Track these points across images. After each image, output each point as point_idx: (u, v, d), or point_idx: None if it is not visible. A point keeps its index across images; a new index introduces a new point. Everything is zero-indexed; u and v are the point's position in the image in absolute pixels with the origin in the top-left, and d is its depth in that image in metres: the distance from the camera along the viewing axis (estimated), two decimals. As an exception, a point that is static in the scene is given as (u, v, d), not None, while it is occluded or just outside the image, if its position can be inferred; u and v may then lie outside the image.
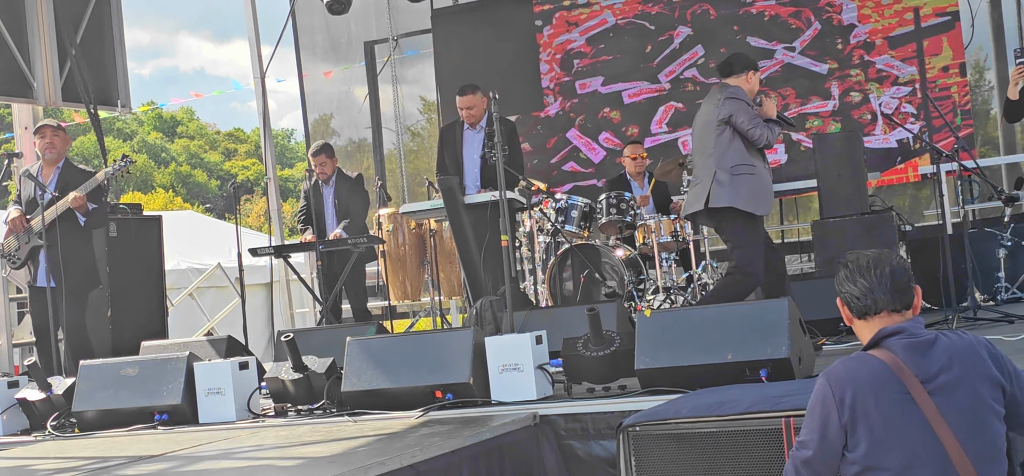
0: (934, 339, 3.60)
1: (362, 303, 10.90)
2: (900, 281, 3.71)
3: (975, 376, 3.55)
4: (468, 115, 9.64)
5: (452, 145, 9.74)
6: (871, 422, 3.55)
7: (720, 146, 7.76)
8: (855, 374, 3.62)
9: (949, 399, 3.52)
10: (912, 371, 3.54)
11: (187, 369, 7.22)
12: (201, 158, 56.47)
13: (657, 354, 6.21)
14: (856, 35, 12.50)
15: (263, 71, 13.27)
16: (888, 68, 12.41)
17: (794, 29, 12.76)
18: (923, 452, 3.50)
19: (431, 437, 5.55)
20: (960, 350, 3.57)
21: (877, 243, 9.75)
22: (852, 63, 12.52)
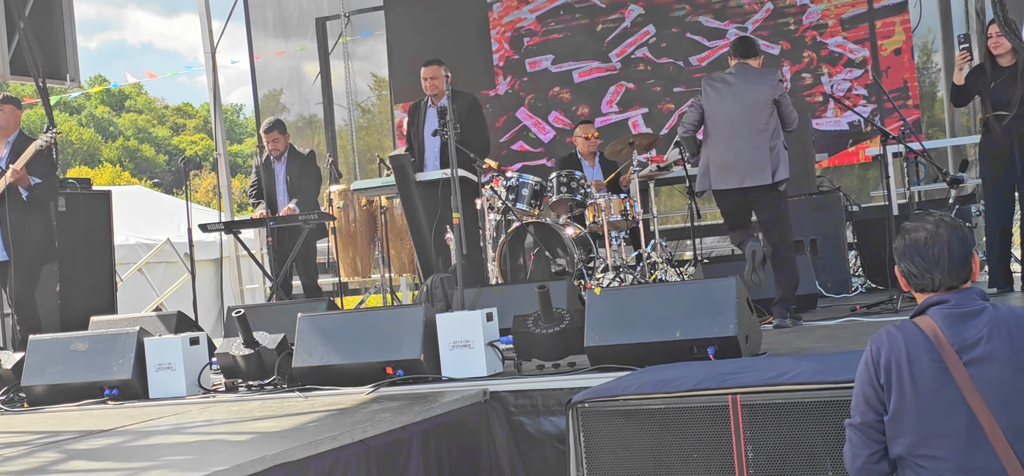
0: (981, 310, 3.61)
1: (312, 280, 10.90)
2: (956, 259, 3.69)
3: (1016, 349, 3.54)
4: (430, 85, 9.61)
5: (415, 124, 9.76)
6: (903, 387, 3.60)
7: (772, 123, 8.17)
8: (894, 339, 3.66)
9: (984, 370, 3.53)
10: (949, 340, 3.57)
11: (137, 344, 7.21)
12: (149, 133, 56.02)
13: (606, 332, 6.26)
14: (809, 16, 12.60)
15: (213, 46, 13.21)
16: (840, 50, 12.52)
17: (746, 9, 12.84)
18: (953, 421, 3.53)
19: (381, 413, 5.58)
20: (1006, 322, 3.57)
21: (825, 222, 9.88)
22: (804, 44, 12.62)
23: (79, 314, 9.52)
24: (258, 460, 4.50)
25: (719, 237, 13.54)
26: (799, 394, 4.61)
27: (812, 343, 6.79)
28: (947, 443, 3.53)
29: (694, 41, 13.04)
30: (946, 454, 3.54)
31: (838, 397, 4.52)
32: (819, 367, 4.85)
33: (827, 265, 9.83)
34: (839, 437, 4.48)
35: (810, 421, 4.57)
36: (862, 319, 7.79)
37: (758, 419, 4.66)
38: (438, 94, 9.65)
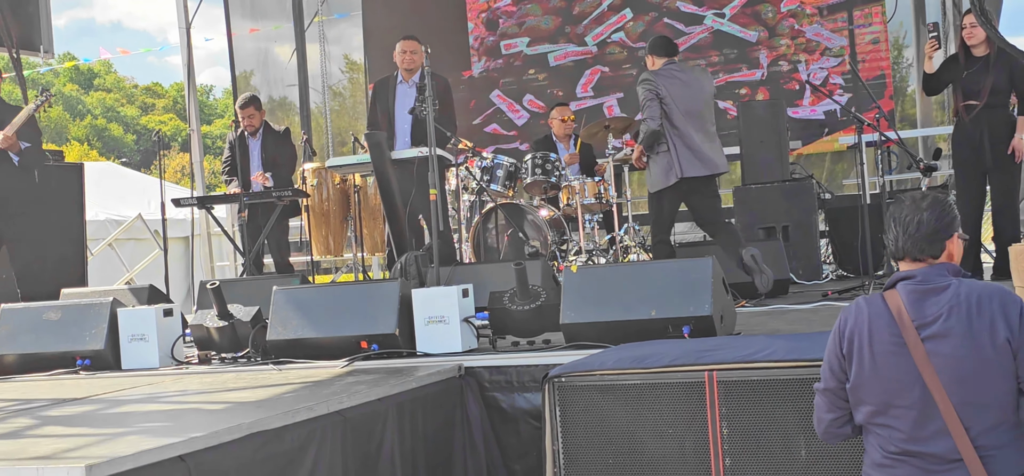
0: (945, 287, 3.68)
1: (285, 257, 10.88)
2: (925, 230, 3.76)
3: (973, 327, 3.62)
4: (408, 59, 9.55)
5: (384, 100, 9.70)
6: (863, 358, 3.73)
7: (713, 116, 8.79)
8: (860, 311, 3.78)
9: (940, 346, 3.62)
10: (910, 316, 3.66)
11: (111, 315, 7.18)
12: (117, 112, 55.70)
13: (582, 309, 6.28)
14: (787, 3, 12.64)
15: (189, 22, 13.15)
16: (818, 38, 12.57)
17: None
18: (908, 394, 3.65)
19: (356, 385, 5.58)
20: (967, 300, 3.64)
21: (797, 209, 9.94)
22: (782, 32, 12.66)
23: (50, 286, 9.47)
24: (234, 427, 4.50)
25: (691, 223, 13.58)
26: (774, 371, 4.65)
27: (785, 325, 6.83)
28: (902, 414, 3.65)
29: (671, 26, 13.06)
30: (901, 425, 3.66)
31: (812, 375, 4.54)
32: (794, 345, 4.88)
33: (799, 251, 9.89)
34: (812, 414, 4.53)
35: (784, 398, 4.60)
36: (834, 303, 7.85)
37: (733, 395, 4.69)
38: (412, 69, 9.61)
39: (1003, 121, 8.52)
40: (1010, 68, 8.46)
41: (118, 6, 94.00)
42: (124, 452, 4.01)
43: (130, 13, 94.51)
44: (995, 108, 8.51)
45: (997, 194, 8.64)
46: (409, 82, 9.61)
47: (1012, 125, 8.49)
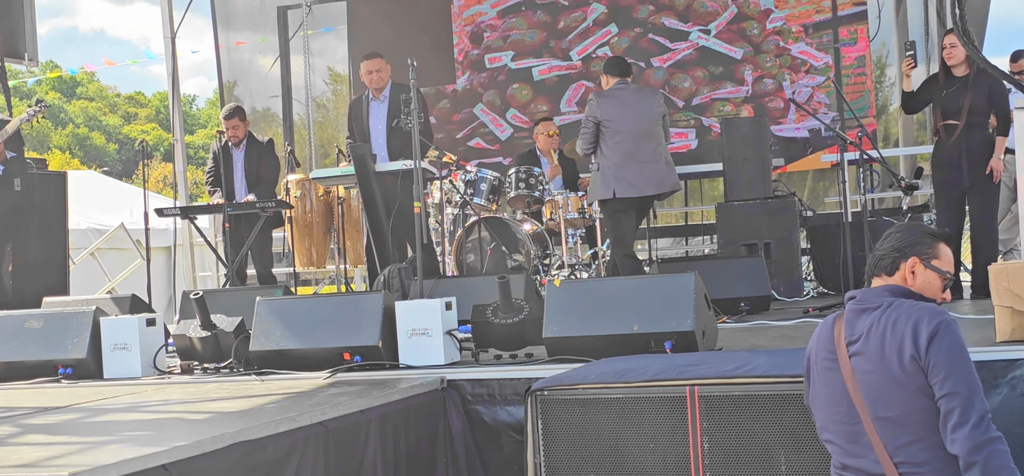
0: (877, 307, 3.81)
1: (267, 268, 10.87)
2: (877, 255, 3.96)
3: (885, 345, 3.74)
4: (374, 78, 9.59)
5: (358, 116, 9.74)
6: (811, 375, 4.00)
7: (663, 135, 8.95)
8: (817, 331, 4.01)
9: (861, 363, 3.78)
10: (846, 334, 3.84)
11: (93, 324, 7.18)
12: (100, 121, 55.51)
13: (565, 323, 6.31)
14: (772, 21, 12.70)
15: (173, 32, 13.15)
16: (803, 56, 12.63)
17: (710, 11, 12.93)
18: (838, 409, 3.84)
19: (339, 397, 5.59)
20: (886, 320, 3.77)
21: (779, 227, 9.99)
22: (768, 49, 12.72)
23: (32, 294, 9.47)
24: (218, 437, 4.51)
25: (673, 238, 13.66)
26: (755, 387, 4.69)
27: (766, 342, 6.87)
28: (836, 428, 3.86)
29: (656, 42, 13.12)
30: (837, 438, 3.87)
31: (793, 391, 4.59)
32: (774, 361, 4.92)
33: (780, 268, 9.93)
34: (793, 430, 4.57)
35: (765, 414, 4.64)
36: (815, 320, 7.87)
37: (714, 410, 4.73)
38: (380, 87, 9.64)
39: (982, 141, 8.57)
40: (989, 88, 8.53)
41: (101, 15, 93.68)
42: (107, 461, 4.01)
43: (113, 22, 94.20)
44: (974, 128, 8.57)
45: (975, 213, 8.69)
46: (380, 98, 9.63)
47: (991, 145, 8.55)
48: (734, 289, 8.58)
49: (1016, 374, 5.28)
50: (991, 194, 8.66)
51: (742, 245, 10.09)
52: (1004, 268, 5.77)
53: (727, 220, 10.35)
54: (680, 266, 9.45)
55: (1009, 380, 5.32)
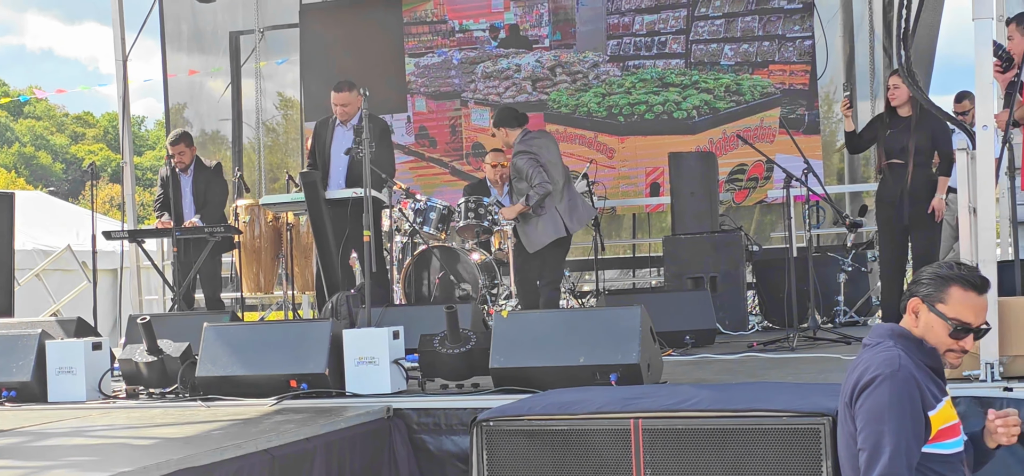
0: (872, 345, 3.84)
1: (215, 293, 10.84)
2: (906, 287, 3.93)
3: (844, 388, 3.85)
4: (342, 112, 9.58)
5: (322, 140, 9.71)
6: None
7: None
8: None
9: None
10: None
11: (39, 346, 7.13)
12: (47, 140, 55.03)
13: (512, 354, 6.34)
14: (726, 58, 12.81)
15: (125, 55, 13.09)
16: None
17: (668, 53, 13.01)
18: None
19: (285, 424, 5.60)
20: (857, 361, 3.84)
21: (726, 261, 10.08)
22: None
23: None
24: (162, 463, 4.51)
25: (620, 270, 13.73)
26: (698, 421, 4.74)
27: (711, 375, 6.93)
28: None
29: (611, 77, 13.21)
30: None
31: (736, 425, 4.65)
32: (718, 396, 4.98)
33: (726, 302, 10.01)
34: (736, 463, 4.62)
35: (709, 447, 4.69)
36: (759, 355, 7.96)
37: (658, 444, 4.77)
38: (348, 116, 9.64)
39: (923, 180, 8.70)
40: (932, 129, 8.66)
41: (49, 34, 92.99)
42: (51, 486, 4.01)
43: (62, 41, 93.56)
44: (917, 168, 8.70)
45: (918, 252, 8.82)
46: (347, 125, 9.64)
47: (933, 184, 8.68)
48: (680, 322, 8.64)
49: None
50: (933, 233, 8.78)
51: (688, 278, 10.17)
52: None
53: (674, 253, 10.43)
54: (627, 299, 9.51)
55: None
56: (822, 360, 7.38)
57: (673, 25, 12.93)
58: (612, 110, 13.05)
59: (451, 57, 13.69)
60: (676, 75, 12.86)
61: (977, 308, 3.75)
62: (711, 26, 12.81)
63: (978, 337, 3.77)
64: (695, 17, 12.84)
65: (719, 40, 12.77)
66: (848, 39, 13.03)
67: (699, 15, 12.83)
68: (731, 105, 12.70)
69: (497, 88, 13.51)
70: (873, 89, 12.69)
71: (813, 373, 6.71)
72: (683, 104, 12.81)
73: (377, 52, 13.49)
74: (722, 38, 12.76)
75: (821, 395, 4.85)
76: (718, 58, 12.77)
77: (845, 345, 8.18)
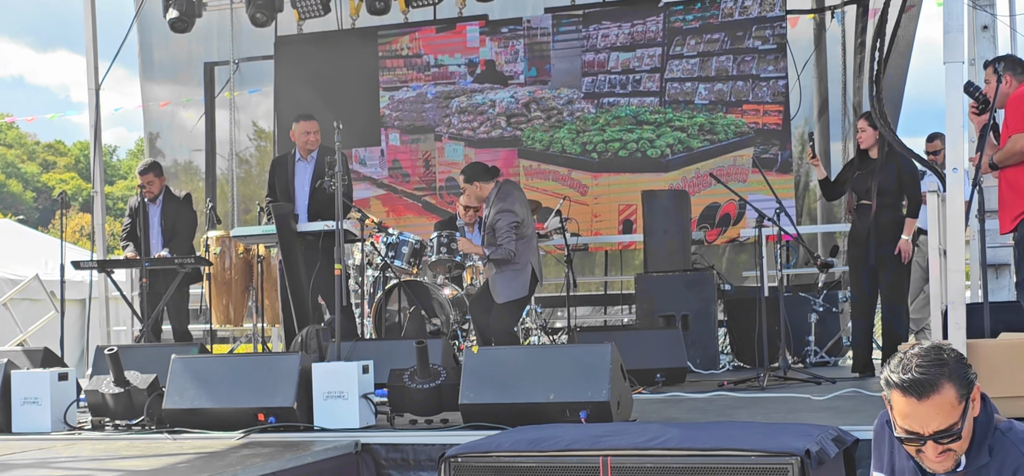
0: None
1: (183, 324, 10.78)
2: None
3: None
4: (310, 140, 9.54)
5: (283, 175, 9.69)
6: None
7: None
8: None
9: None
10: None
11: (4, 376, 7.07)
12: (17, 168, 54.76)
13: (481, 390, 6.32)
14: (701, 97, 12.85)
15: (98, 84, 13.04)
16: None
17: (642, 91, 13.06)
18: None
19: (252, 458, 5.56)
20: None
21: (697, 299, 10.08)
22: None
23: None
24: (126, 496, 4.47)
25: (592, 307, 13.72)
26: (667, 459, 4.71)
27: (681, 413, 6.92)
28: None
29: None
30: None
31: (704, 464, 4.63)
32: (687, 434, 4.96)
33: (697, 340, 10.02)
34: (704, 503, 4.60)
35: (678, 486, 4.67)
36: (729, 393, 7.95)
37: (627, 481, 4.74)
38: (311, 149, 9.62)
39: (890, 222, 8.74)
40: (898, 170, 8.72)
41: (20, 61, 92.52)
42: (12, 518, 3.96)
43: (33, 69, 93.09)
44: (883, 209, 8.75)
45: (885, 292, 8.85)
46: (307, 159, 9.60)
47: (900, 225, 8.72)
48: (651, 360, 8.64)
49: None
50: (899, 274, 8.81)
51: (660, 316, 10.16)
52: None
53: (646, 291, 10.43)
54: (597, 336, 9.50)
55: (916, 459, 5.41)
56: (792, 400, 7.38)
57: (648, 63, 12.98)
58: (586, 147, 13.06)
59: (426, 92, 13.70)
60: (650, 113, 12.90)
61: (910, 415, 3.30)
62: (685, 64, 12.87)
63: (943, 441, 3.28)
64: (670, 55, 12.90)
65: (693, 79, 12.82)
66: (821, 80, 13.10)
67: (674, 54, 12.89)
68: (705, 144, 12.74)
69: (471, 123, 13.52)
70: (845, 130, 12.75)
71: (783, 413, 6.71)
72: (657, 142, 12.84)
73: (351, 85, 13.49)
74: (696, 77, 12.81)
75: (791, 435, 4.84)
76: (692, 97, 12.81)
77: (815, 385, 8.18)
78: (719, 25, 12.74)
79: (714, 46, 12.75)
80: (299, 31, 14.02)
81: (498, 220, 9.06)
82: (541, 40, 13.36)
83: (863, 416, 6.23)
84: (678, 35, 12.88)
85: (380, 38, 13.82)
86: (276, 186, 9.74)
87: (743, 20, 12.64)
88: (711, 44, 12.77)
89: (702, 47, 12.80)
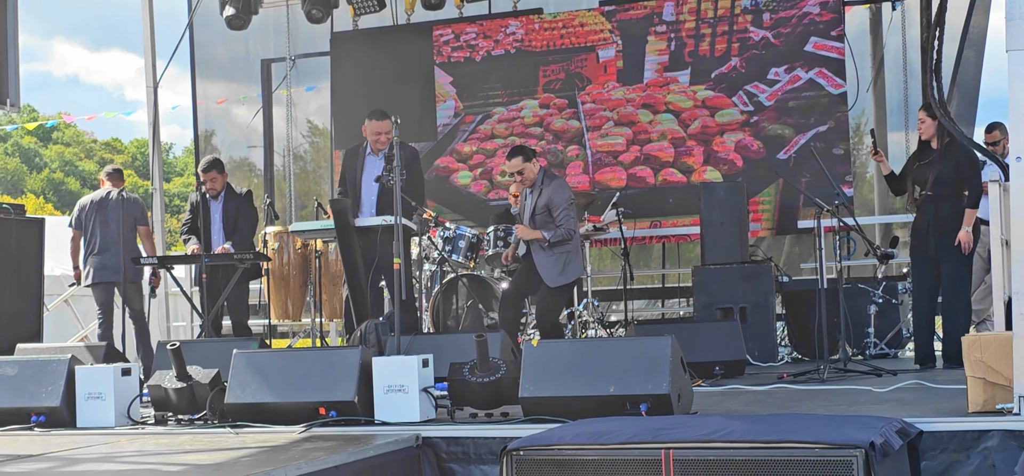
0: None
1: (243, 319, 10.85)
2: None
3: None
4: (381, 141, 9.49)
5: (353, 169, 9.67)
6: None
7: None
8: None
9: None
10: None
11: (68, 372, 7.14)
12: (75, 166, 55.35)
13: (542, 383, 6.32)
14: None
15: (156, 82, 13.18)
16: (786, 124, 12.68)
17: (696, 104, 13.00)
18: None
19: (314, 452, 5.59)
20: None
21: (755, 291, 10.03)
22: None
23: (5, 341, 9.43)
24: (192, 490, 4.51)
25: (649, 300, 13.69)
26: (730, 452, 4.71)
27: (741, 406, 6.89)
28: None
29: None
30: None
31: (768, 456, 4.62)
32: (750, 427, 4.94)
33: (755, 333, 9.97)
34: (767, 495, 4.59)
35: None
36: (790, 386, 7.91)
37: (690, 474, 4.74)
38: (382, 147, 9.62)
39: (950, 212, 8.67)
40: (957, 160, 8.64)
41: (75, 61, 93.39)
42: (82, 511, 4.01)
43: (87, 68, 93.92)
44: (942, 199, 8.68)
45: (946, 284, 8.78)
46: (377, 154, 9.61)
47: (960, 216, 8.64)
48: (709, 353, 8.60)
49: (987, 444, 5.33)
50: (960, 264, 8.73)
51: (718, 309, 10.13)
52: (978, 339, 5.82)
53: (703, 284, 10.39)
54: (656, 329, 9.48)
55: (981, 450, 5.37)
56: (853, 392, 7.33)
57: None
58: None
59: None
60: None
61: None
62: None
63: None
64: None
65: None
66: (879, 71, 12.98)
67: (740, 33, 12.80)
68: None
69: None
70: (907, 123, 12.62)
71: (844, 405, 6.66)
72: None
73: (407, 80, 13.51)
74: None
75: (854, 427, 4.82)
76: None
77: (876, 377, 8.12)
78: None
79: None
80: (354, 27, 14.06)
81: (554, 199, 9.11)
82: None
83: (926, 408, 6.19)
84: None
85: (436, 32, 13.82)
86: (346, 177, 9.74)
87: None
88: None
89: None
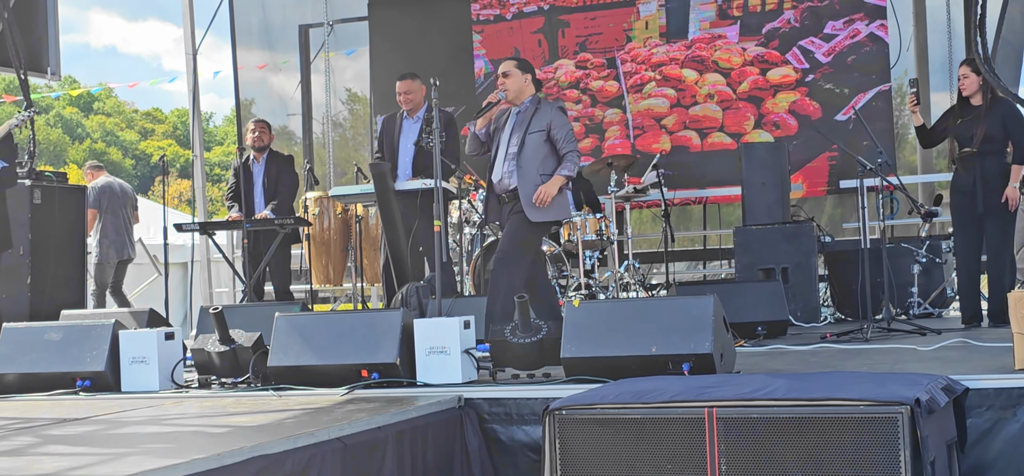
0: None
1: (285, 284, 10.89)
2: None
3: None
4: (405, 100, 9.58)
5: (390, 133, 9.71)
6: None
7: None
8: None
9: None
10: None
11: (112, 336, 7.19)
12: (116, 136, 55.71)
13: (583, 344, 6.30)
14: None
15: (195, 49, 13.22)
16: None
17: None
18: None
19: (357, 413, 5.60)
20: None
21: (797, 252, 9.97)
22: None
23: (49, 307, 9.52)
24: (236, 451, 4.52)
25: (690, 262, 13.65)
26: (774, 410, 4.68)
27: (784, 366, 6.85)
28: None
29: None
30: None
31: (812, 414, 4.59)
32: (794, 384, 4.92)
33: (798, 293, 9.92)
34: (812, 452, 4.56)
35: (784, 436, 4.63)
36: (833, 346, 7.87)
37: (733, 432, 4.72)
38: (414, 108, 9.64)
39: (996, 169, 8.59)
40: (1003, 116, 8.55)
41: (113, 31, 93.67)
42: (127, 472, 4.03)
43: (124, 39, 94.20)
44: (988, 155, 8.59)
45: (991, 241, 8.69)
46: (413, 118, 9.63)
47: (1006, 173, 8.56)
48: (751, 313, 8.56)
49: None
50: (1006, 221, 8.65)
51: (759, 269, 10.08)
52: (1023, 296, 5.76)
53: (745, 244, 10.34)
54: (698, 289, 9.44)
55: (1028, 407, 5.32)
56: (898, 351, 7.28)
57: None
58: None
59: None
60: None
61: None
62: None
63: None
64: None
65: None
66: (921, 29, 12.85)
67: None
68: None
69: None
70: (951, 81, 12.49)
71: (889, 364, 6.62)
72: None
73: (446, 44, 13.49)
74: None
75: (899, 384, 4.78)
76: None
77: (920, 336, 8.07)
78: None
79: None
80: (393, -10, 14.07)
81: (556, 121, 7.84)
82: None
83: (971, 366, 6.14)
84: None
85: (473, -1, 13.80)
86: (384, 144, 9.78)
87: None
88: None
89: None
